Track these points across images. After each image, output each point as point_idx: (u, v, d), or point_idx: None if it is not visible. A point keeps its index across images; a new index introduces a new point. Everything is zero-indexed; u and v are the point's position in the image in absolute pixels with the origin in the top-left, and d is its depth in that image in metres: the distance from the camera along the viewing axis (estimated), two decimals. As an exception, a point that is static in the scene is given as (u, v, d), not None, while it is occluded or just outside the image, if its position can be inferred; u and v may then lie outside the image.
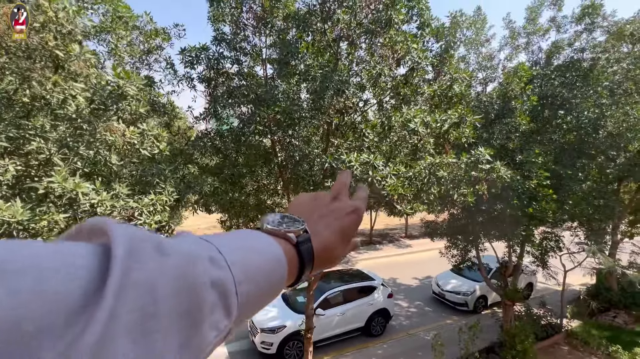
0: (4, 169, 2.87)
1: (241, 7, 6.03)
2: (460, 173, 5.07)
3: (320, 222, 0.58)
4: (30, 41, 2.88)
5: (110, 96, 3.05)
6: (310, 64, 5.11)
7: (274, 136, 5.48)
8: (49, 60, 3.06)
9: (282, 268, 0.46)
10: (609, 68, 9.71)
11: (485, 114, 8.48)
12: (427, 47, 5.36)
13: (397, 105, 5.47)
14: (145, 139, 3.36)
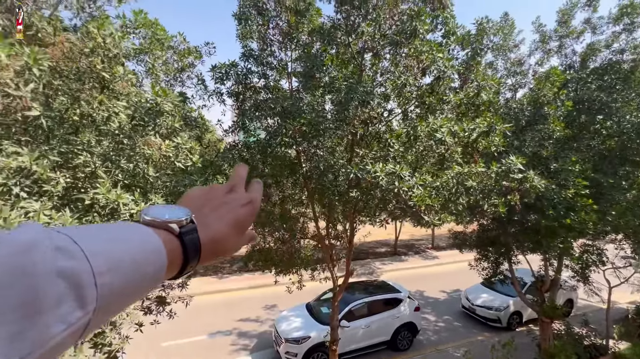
0: (55, 181, 3.12)
1: (268, 24, 6.28)
2: (490, 183, 4.91)
3: (212, 214, 0.57)
4: (81, 65, 3.17)
5: (149, 112, 3.28)
6: (335, 76, 5.20)
7: (299, 147, 5.59)
8: (96, 82, 3.35)
9: (161, 259, 0.45)
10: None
11: (515, 121, 8.18)
12: (452, 55, 5.29)
13: (422, 114, 5.42)
14: (179, 152, 3.57)
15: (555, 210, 7.92)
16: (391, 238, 23.50)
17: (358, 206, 5.55)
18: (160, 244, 0.46)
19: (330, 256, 7.13)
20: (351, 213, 6.45)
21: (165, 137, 3.67)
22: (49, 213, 2.84)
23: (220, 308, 14.57)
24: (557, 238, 8.78)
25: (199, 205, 0.58)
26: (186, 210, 0.53)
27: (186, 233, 0.50)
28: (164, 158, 3.51)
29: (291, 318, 11.27)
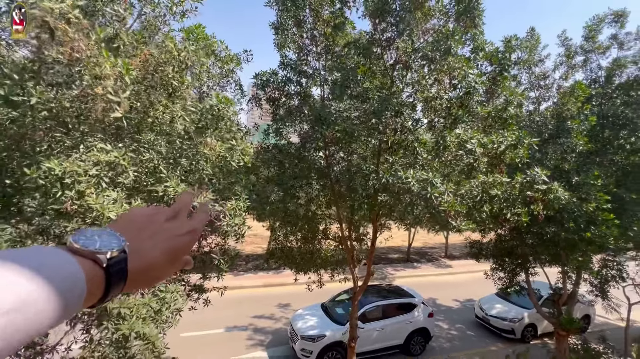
0: (127, 173, 3.58)
1: (305, 35, 6.72)
2: (514, 193, 5.16)
3: (148, 241, 0.56)
4: (156, 74, 3.63)
5: (213, 117, 3.71)
6: (368, 87, 5.57)
7: (331, 152, 5.97)
8: (165, 88, 3.80)
9: (78, 290, 0.44)
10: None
11: (538, 134, 8.34)
12: (481, 71, 5.59)
13: (448, 125, 5.72)
14: (234, 153, 3.99)
15: (576, 223, 8.02)
16: (404, 245, 23.57)
17: (383, 210, 5.87)
18: (82, 276, 0.45)
19: (352, 256, 7.45)
20: (375, 216, 6.77)
21: (220, 138, 4.10)
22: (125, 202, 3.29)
23: (236, 304, 15.00)
24: (576, 251, 8.84)
25: (138, 227, 0.57)
26: (120, 239, 0.52)
27: (114, 265, 0.49)
28: (219, 158, 3.94)
29: (307, 317, 11.59)
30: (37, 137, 3.15)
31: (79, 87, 3.00)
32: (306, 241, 8.56)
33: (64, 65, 2.92)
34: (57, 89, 2.93)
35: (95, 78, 2.88)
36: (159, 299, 3.70)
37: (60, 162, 2.74)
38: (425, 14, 5.81)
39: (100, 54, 2.82)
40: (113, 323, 3.18)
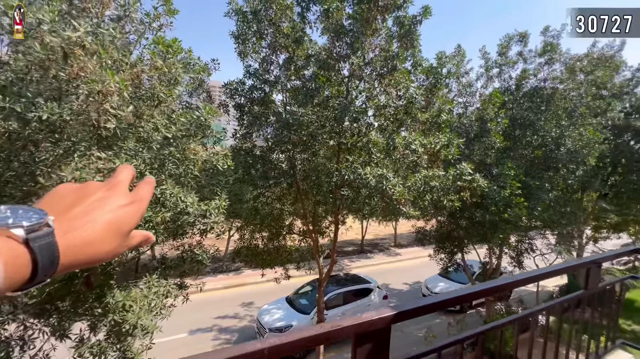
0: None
1: (266, 46, 7.30)
2: (448, 183, 6.40)
3: (83, 216, 0.50)
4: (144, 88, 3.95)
5: (200, 126, 4.15)
6: (329, 95, 6.38)
7: (297, 153, 6.67)
8: (151, 100, 4.13)
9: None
10: (567, 95, 11.50)
11: (466, 134, 9.97)
12: (420, 84, 6.75)
13: (395, 129, 6.81)
14: (220, 157, 4.45)
15: (497, 207, 9.80)
16: (357, 238, 25.17)
17: (345, 204, 6.74)
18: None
19: (316, 247, 8.23)
20: (337, 209, 7.64)
21: (203, 144, 4.52)
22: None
23: (197, 308, 14.85)
24: (498, 230, 10.73)
25: (67, 204, 0.51)
26: (40, 212, 0.45)
27: (37, 239, 0.42)
28: (205, 162, 4.38)
29: (273, 311, 12.13)
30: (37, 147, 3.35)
31: (77, 101, 3.28)
32: (272, 238, 9.13)
33: (64, 81, 3.18)
34: (57, 103, 3.16)
35: (97, 94, 3.21)
36: (155, 294, 4.06)
37: (73, 169, 3.05)
38: (373, 32, 6.79)
39: (103, 71, 3.16)
40: (119, 315, 3.51)
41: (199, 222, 4.44)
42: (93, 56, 3.11)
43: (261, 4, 7.00)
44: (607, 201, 14.88)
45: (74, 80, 3.14)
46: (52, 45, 2.84)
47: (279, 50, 7.24)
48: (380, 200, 5.66)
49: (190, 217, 4.17)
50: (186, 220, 4.18)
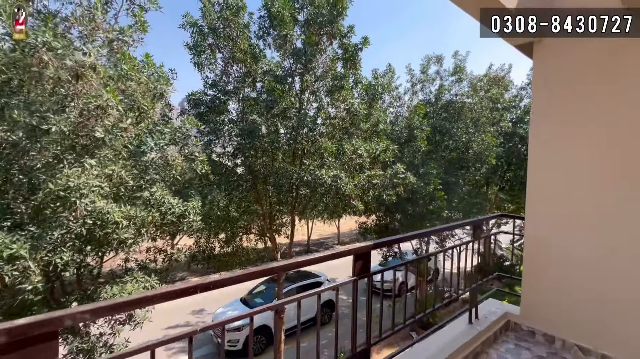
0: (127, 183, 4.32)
1: (216, 57, 7.90)
2: (386, 181, 7.79)
3: None
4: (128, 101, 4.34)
5: (181, 135, 4.64)
6: (286, 107, 7.27)
7: (257, 158, 7.41)
8: (133, 112, 4.51)
9: None
10: (472, 108, 14.19)
11: (398, 140, 11.75)
12: (362, 99, 8.08)
13: (342, 136, 8.01)
14: (198, 163, 4.98)
15: (423, 201, 11.73)
16: (304, 240, 26.30)
17: (304, 201, 7.67)
18: None
19: (274, 245, 9.01)
20: (292, 208, 8.54)
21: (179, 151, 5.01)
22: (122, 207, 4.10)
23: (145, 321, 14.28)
24: (425, 220, 12.76)
25: None
26: None
27: None
28: (183, 168, 4.88)
29: (228, 313, 12.42)
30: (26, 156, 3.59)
31: (74, 114, 3.64)
32: (228, 241, 9.57)
33: (65, 96, 3.51)
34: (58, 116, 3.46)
35: (96, 108, 3.64)
36: (143, 287, 4.47)
37: (78, 176, 3.45)
38: (321, 52, 7.90)
39: (103, 88, 3.59)
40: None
41: (180, 222, 4.94)
42: (98, 76, 3.51)
43: (218, 21, 7.60)
44: (505, 193, 18.43)
45: (74, 96, 3.51)
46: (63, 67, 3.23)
47: (236, 63, 7.89)
48: (334, 196, 6.75)
49: (174, 217, 4.69)
50: (170, 219, 4.68)
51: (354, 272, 2.31)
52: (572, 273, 2.96)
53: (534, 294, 3.34)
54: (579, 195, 2.91)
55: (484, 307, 3.73)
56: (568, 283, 2.98)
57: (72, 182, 3.39)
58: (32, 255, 3.18)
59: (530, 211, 3.30)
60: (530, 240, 3.33)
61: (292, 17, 7.07)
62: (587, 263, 2.86)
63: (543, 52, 3.17)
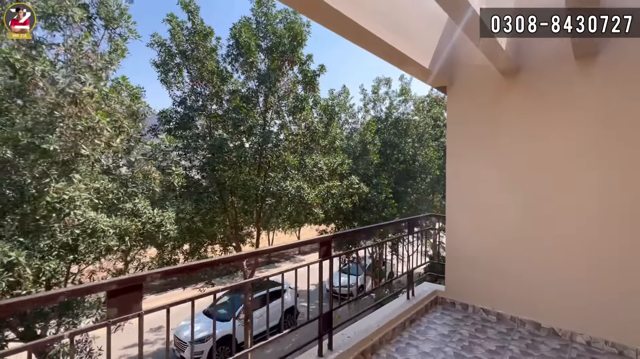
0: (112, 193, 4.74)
1: (183, 75, 8.44)
2: (343, 191, 8.78)
3: None
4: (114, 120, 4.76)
5: (160, 151, 5.10)
6: (252, 124, 7.98)
7: (225, 171, 7.98)
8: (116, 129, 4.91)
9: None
10: (417, 125, 16.01)
11: (353, 153, 12.95)
12: (320, 118, 9.08)
13: (303, 151, 8.90)
14: (175, 176, 5.44)
15: (377, 208, 12.97)
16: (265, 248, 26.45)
17: (269, 210, 8.32)
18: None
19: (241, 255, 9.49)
20: (258, 218, 9.15)
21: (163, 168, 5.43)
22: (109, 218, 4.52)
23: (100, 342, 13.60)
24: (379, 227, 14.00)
25: None
26: None
27: None
28: (162, 181, 5.33)
29: (187, 326, 12.37)
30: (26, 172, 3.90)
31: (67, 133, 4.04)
32: (193, 252, 9.82)
33: (56, 118, 3.89)
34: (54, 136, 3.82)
35: (88, 129, 4.09)
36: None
37: (73, 188, 3.86)
38: (283, 75, 8.79)
39: (94, 112, 4.04)
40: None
41: (157, 231, 5.38)
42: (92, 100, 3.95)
43: (186, 43, 8.16)
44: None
45: (68, 117, 3.92)
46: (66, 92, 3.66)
47: (203, 83, 8.47)
48: (298, 204, 7.52)
49: (154, 226, 5.15)
50: (149, 228, 5.13)
51: (320, 255, 3.12)
52: (480, 258, 4.07)
53: (454, 275, 4.43)
54: (483, 199, 4.06)
55: (419, 288, 4.76)
56: (477, 265, 4.10)
57: (67, 195, 3.79)
58: (28, 262, 3.49)
59: (450, 211, 4.42)
60: (450, 234, 4.44)
61: (257, 45, 7.87)
62: (489, 250, 4.00)
63: (453, 92, 4.36)
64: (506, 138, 3.84)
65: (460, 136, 4.29)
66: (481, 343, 3.42)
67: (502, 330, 3.70)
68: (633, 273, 3.04)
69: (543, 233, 3.56)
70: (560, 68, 3.45)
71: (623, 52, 3.09)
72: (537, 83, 3.63)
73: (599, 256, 3.22)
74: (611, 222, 3.15)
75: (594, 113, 3.26)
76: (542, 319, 3.63)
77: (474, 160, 4.14)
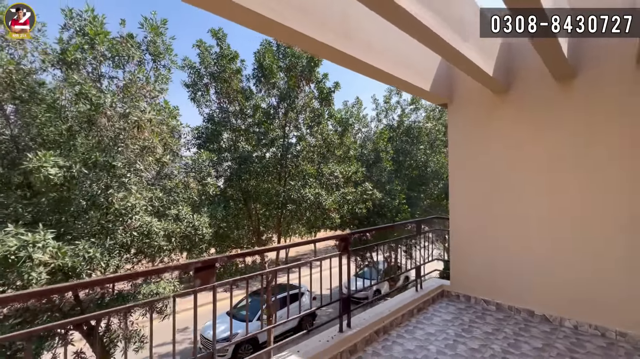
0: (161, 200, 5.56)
1: (210, 94, 9.35)
2: (358, 197, 9.43)
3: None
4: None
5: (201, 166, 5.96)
6: (273, 137, 8.80)
7: (251, 180, 8.80)
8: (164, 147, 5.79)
9: None
10: (429, 132, 16.50)
11: (366, 161, 13.59)
12: (335, 129, 9.82)
13: (320, 161, 9.63)
14: (211, 187, 6.27)
15: (390, 213, 13.50)
16: (282, 257, 27.23)
17: (287, 218, 9.04)
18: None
19: (262, 258, 10.26)
20: (278, 223, 9.89)
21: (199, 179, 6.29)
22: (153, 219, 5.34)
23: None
24: (393, 232, 14.51)
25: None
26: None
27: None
28: (200, 190, 6.16)
29: (216, 325, 13.15)
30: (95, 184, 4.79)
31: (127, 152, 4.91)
32: (219, 254, 10.66)
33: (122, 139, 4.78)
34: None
35: (144, 148, 4.94)
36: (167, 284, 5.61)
37: (135, 197, 4.69)
38: (301, 91, 9.59)
39: (151, 135, 4.90)
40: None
41: (195, 234, 6.19)
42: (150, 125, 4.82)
43: (215, 66, 9.11)
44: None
45: (130, 139, 4.80)
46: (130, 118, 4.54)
47: (230, 101, 9.38)
48: (316, 210, 8.22)
49: (193, 229, 5.95)
50: (189, 231, 5.94)
51: (339, 249, 3.78)
52: (480, 255, 4.63)
53: (458, 271, 4.98)
54: (480, 202, 4.64)
55: (427, 283, 5.32)
56: (478, 262, 4.66)
57: (129, 203, 4.62)
58: (102, 258, 4.30)
59: (452, 214, 5.01)
60: (453, 234, 5.02)
61: (278, 66, 8.73)
62: (488, 248, 4.56)
63: (452, 109, 4.98)
64: (498, 147, 4.43)
65: (460, 146, 4.89)
66: (479, 326, 3.98)
67: (499, 317, 4.23)
68: (610, 264, 3.56)
69: (534, 232, 4.11)
70: (543, 88, 4.04)
71: (599, 73, 3.64)
72: (523, 100, 4.22)
73: (583, 252, 3.74)
74: (592, 223, 3.68)
75: (573, 126, 3.83)
76: (535, 308, 4.15)
77: (472, 167, 4.73)
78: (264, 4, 2.12)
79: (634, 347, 3.39)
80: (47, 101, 4.50)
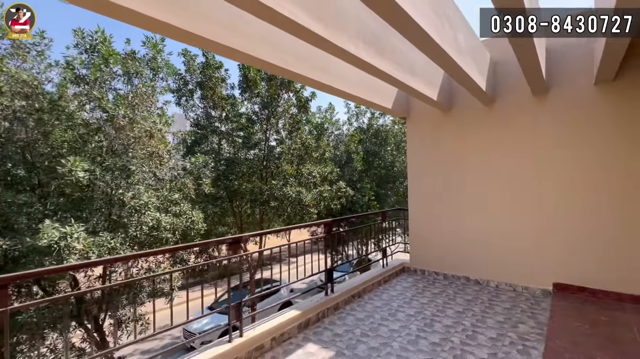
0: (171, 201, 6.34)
1: (193, 99, 10.09)
2: (333, 194, 10.59)
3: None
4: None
5: (195, 167, 6.74)
6: (256, 141, 9.71)
7: (236, 180, 9.66)
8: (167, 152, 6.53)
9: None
10: (395, 134, 18.05)
11: (339, 162, 14.82)
12: (312, 135, 10.93)
13: (299, 162, 10.69)
14: (206, 186, 7.07)
15: (361, 209, 14.83)
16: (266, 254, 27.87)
17: (269, 215, 9.99)
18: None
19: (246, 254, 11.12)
20: (261, 220, 10.82)
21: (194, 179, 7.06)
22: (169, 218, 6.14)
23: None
24: (363, 224, 15.87)
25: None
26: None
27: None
28: (196, 189, 6.95)
29: (198, 320, 13.78)
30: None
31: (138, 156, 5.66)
32: (202, 252, 11.35)
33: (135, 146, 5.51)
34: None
35: (152, 154, 5.72)
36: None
37: (147, 196, 5.47)
38: (279, 98, 10.57)
39: (159, 140, 5.67)
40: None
41: (192, 227, 7.01)
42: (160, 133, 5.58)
43: (200, 75, 9.84)
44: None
45: (139, 146, 5.55)
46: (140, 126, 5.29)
47: (215, 107, 10.14)
48: (297, 206, 9.26)
49: (191, 223, 6.78)
50: (188, 225, 6.76)
51: (324, 232, 4.86)
52: (431, 238, 5.94)
53: (415, 250, 6.27)
54: (430, 197, 5.95)
55: (391, 261, 6.57)
56: (430, 243, 5.96)
57: (143, 200, 5.41)
58: (121, 248, 5.04)
59: (411, 205, 6.29)
60: (411, 221, 6.30)
61: (260, 77, 9.65)
62: (436, 232, 5.87)
63: (410, 122, 6.26)
64: (445, 152, 5.76)
65: (416, 151, 6.19)
66: (429, 290, 5.26)
67: (445, 283, 5.55)
68: (521, 242, 4.97)
69: (470, 218, 5.46)
70: (474, 109, 5.39)
71: (570, 89, 4.83)
72: (463, 117, 5.56)
73: (503, 233, 5.13)
74: (511, 211, 5.07)
75: (497, 136, 5.20)
76: (470, 274, 5.52)
77: (425, 168, 6.04)
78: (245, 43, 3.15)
79: (531, 295, 4.82)
80: (66, 112, 5.12)
